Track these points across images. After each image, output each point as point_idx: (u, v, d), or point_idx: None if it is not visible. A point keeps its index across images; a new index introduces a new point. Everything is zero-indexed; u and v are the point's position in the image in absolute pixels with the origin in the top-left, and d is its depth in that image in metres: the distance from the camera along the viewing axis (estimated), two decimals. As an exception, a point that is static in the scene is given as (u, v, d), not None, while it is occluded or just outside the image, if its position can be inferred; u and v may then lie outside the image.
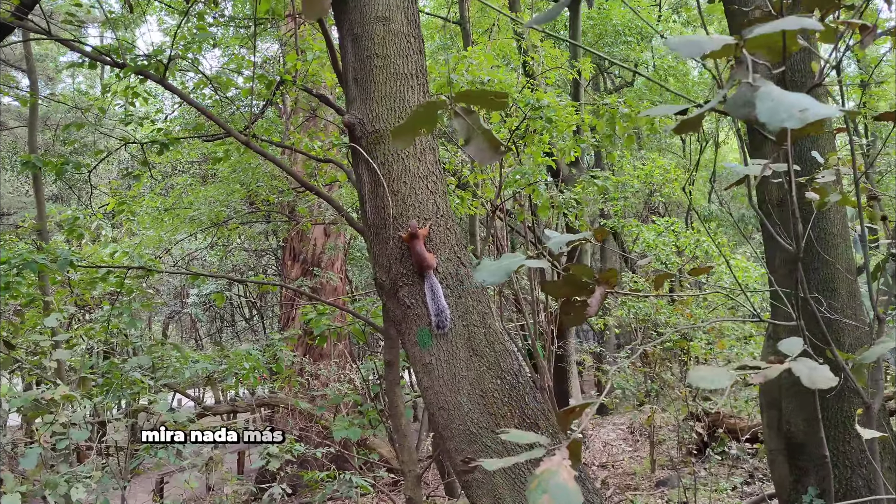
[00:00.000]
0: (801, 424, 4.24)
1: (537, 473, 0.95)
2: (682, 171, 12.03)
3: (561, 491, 0.91)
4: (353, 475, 5.68)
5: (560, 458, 0.95)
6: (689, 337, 7.71)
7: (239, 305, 20.86)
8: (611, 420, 13.30)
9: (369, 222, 3.58)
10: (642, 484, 9.15)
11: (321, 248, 13.40)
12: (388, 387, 4.39)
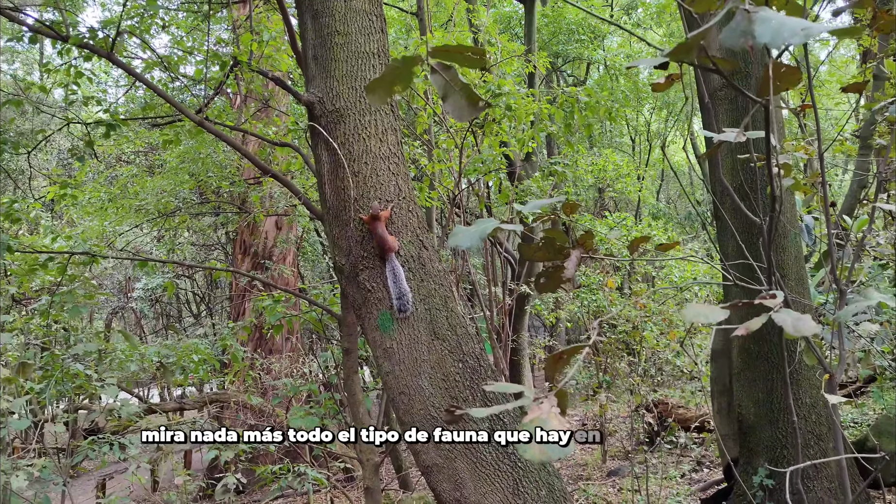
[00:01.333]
0: (752, 408, 4.35)
1: (525, 422, 0.91)
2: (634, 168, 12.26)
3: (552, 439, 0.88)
4: (306, 468, 5.56)
5: (549, 406, 0.91)
6: (642, 328, 7.85)
7: (186, 301, 20.28)
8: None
9: (328, 204, 3.50)
10: (594, 474, 9.28)
11: (273, 242, 13.13)
12: (346, 375, 4.31)
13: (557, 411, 0.90)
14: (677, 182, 20.34)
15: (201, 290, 18.19)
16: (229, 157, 9.88)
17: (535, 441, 0.88)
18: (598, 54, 14.23)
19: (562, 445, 0.91)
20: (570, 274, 1.48)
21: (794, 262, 4.22)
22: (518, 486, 3.31)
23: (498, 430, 3.34)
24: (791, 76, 1.14)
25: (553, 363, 0.98)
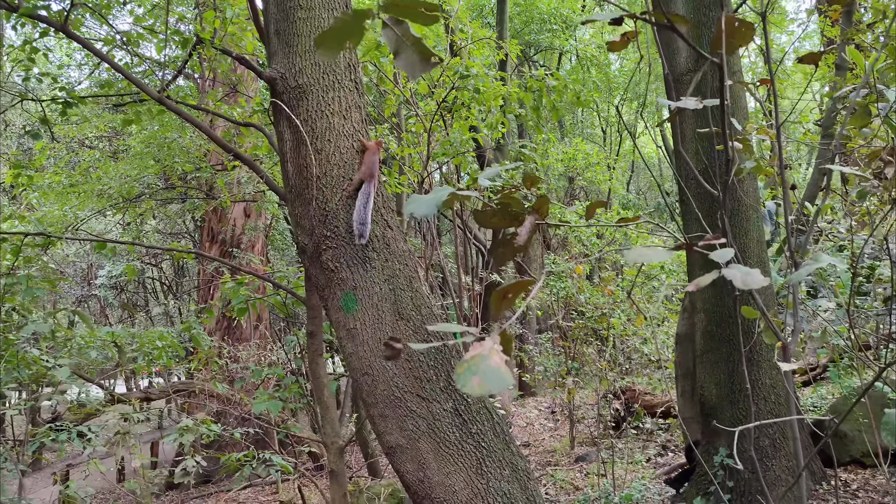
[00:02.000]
0: (714, 389, 4.42)
1: (467, 358, 0.89)
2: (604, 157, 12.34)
3: (492, 373, 0.86)
4: (272, 454, 5.50)
5: (491, 343, 0.89)
6: (609, 314, 7.92)
7: (153, 290, 19.92)
8: (533, 400, 13.57)
9: (291, 183, 3.44)
10: (563, 460, 9.37)
11: (241, 229, 12.95)
12: (311, 358, 4.26)
13: (500, 349, 0.88)
14: (648, 173, 20.56)
15: (168, 278, 17.88)
16: (195, 141, 9.70)
17: (474, 375, 0.86)
18: (569, 44, 14.27)
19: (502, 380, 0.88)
20: (523, 240, 1.46)
21: (756, 245, 4.28)
22: (482, 465, 3.30)
23: (462, 407, 3.34)
24: (744, 32, 1.14)
25: (498, 301, 0.96)
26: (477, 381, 0.86)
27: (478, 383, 0.86)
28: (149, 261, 16.56)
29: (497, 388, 0.87)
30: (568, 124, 19.04)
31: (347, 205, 3.33)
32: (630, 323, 8.03)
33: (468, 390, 0.86)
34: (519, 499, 3.36)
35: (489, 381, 0.86)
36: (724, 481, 4.18)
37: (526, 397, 14.45)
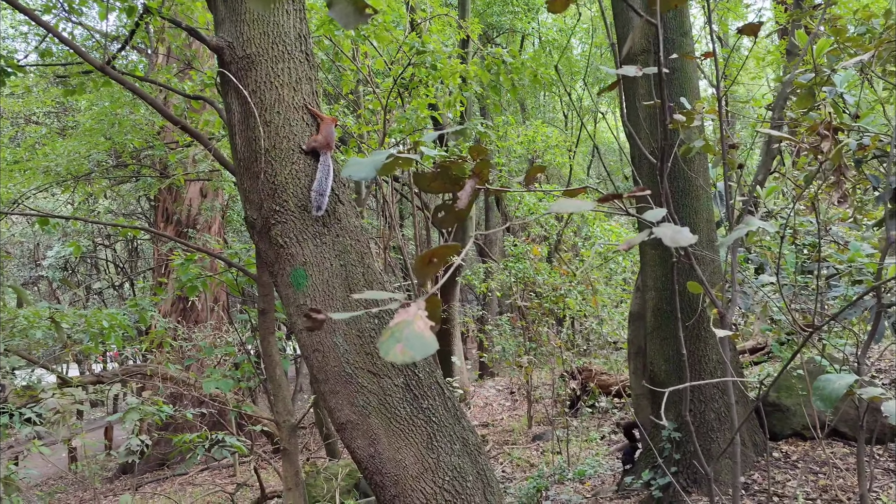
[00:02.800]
0: (663, 365, 4.51)
1: (391, 325, 0.87)
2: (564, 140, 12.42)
3: (416, 339, 0.84)
4: (226, 435, 5.43)
5: (416, 309, 0.87)
6: (565, 294, 8.01)
7: (106, 272, 19.39)
8: (492, 381, 13.70)
9: (239, 156, 3.36)
10: (520, 439, 9.50)
11: (197, 210, 12.67)
12: (263, 336, 4.20)
13: (425, 315, 0.86)
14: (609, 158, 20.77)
15: (122, 259, 17.42)
16: (148, 118, 9.42)
17: (398, 342, 0.84)
18: (531, 27, 14.26)
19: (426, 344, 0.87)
20: (463, 204, 1.45)
21: (706, 224, 4.36)
22: (432, 440, 3.31)
23: (413, 383, 3.33)
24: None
25: (422, 265, 0.94)
26: (400, 347, 0.85)
27: (401, 350, 0.85)
28: (101, 241, 16.10)
29: (420, 353, 0.86)
30: (530, 107, 19.08)
31: (297, 178, 3.27)
32: (586, 303, 8.14)
33: (391, 358, 0.84)
34: (469, 472, 3.39)
35: (412, 348, 0.84)
36: (671, 454, 4.29)
37: (485, 378, 14.59)
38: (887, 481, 3.97)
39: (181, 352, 8.59)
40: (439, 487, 3.28)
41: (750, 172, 8.68)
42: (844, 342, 4.26)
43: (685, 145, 3.16)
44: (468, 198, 1.49)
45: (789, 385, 5.06)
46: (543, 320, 8.04)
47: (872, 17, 4.03)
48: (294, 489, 4.14)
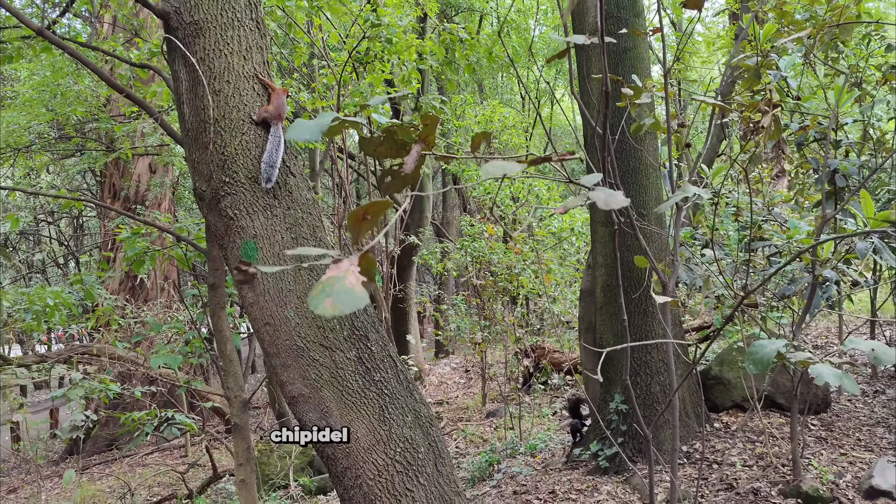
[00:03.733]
0: (611, 339, 4.62)
1: (322, 280, 0.87)
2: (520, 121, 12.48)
3: (346, 294, 0.85)
4: (175, 413, 5.35)
5: (348, 264, 0.88)
6: (519, 272, 8.11)
7: (51, 252, 18.72)
8: (448, 360, 13.81)
9: (187, 126, 3.27)
10: (474, 416, 9.64)
11: (146, 186, 12.31)
12: (213, 311, 4.14)
13: (357, 270, 0.87)
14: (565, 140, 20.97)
15: (66, 237, 16.84)
16: (91, 88, 9.08)
17: (328, 297, 0.85)
18: (489, 7, 14.22)
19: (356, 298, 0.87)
20: (409, 169, 1.45)
21: (654, 202, 4.47)
22: (384, 412, 3.33)
23: (365, 356, 3.34)
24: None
25: (356, 223, 0.94)
26: (330, 301, 0.85)
27: (330, 304, 0.85)
28: (44, 218, 15.52)
29: (350, 307, 0.87)
30: (487, 88, 19.09)
31: (247, 149, 3.22)
32: (539, 282, 8.25)
33: (321, 311, 0.85)
34: (421, 444, 3.43)
35: (342, 301, 0.85)
36: (618, 426, 4.42)
37: (441, 357, 14.69)
38: (819, 448, 4.18)
39: (130, 330, 8.40)
40: (391, 459, 3.31)
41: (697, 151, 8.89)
42: (780, 315, 4.44)
43: (635, 123, 3.22)
44: (414, 162, 1.50)
45: (731, 359, 5.26)
46: (498, 298, 8.13)
47: (816, 4, 4.15)
48: (245, 464, 4.12)
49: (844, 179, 4.58)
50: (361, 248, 0.92)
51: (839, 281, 3.81)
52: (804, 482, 3.50)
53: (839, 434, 4.46)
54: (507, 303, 9.30)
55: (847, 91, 4.92)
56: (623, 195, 1.06)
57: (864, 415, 4.86)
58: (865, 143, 5.29)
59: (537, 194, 9.47)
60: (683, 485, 3.79)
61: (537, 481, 4.62)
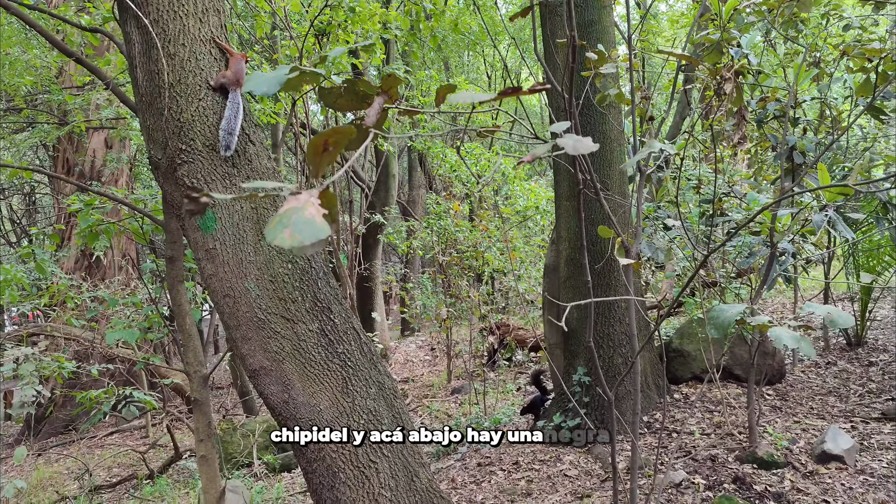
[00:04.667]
0: (574, 313, 4.66)
1: (279, 212, 0.83)
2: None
3: (305, 224, 0.80)
4: (134, 390, 5.23)
5: (307, 197, 0.83)
6: (484, 249, 8.12)
7: (2, 230, 18.06)
8: (414, 338, 13.82)
9: (141, 91, 3.15)
10: (439, 393, 9.68)
11: (102, 161, 11.93)
12: (171, 285, 4.03)
13: (317, 202, 0.82)
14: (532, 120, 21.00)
15: (17, 213, 16.27)
16: (42, 58, 8.72)
17: (286, 228, 0.80)
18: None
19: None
20: (371, 122, 1.40)
21: (619, 175, 4.49)
22: (347, 384, 3.30)
23: (328, 328, 3.30)
24: None
25: (315, 154, 0.90)
26: (288, 232, 0.80)
27: (289, 234, 0.80)
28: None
29: (310, 238, 0.82)
30: (454, 66, 18.96)
31: (204, 116, 3.12)
32: (504, 258, 8.28)
33: (279, 242, 0.80)
34: (385, 416, 3.41)
35: (301, 232, 0.80)
36: (581, 397, 4.47)
37: (407, 335, 14.69)
38: (774, 417, 4.30)
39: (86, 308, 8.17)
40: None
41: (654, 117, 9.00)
42: (739, 287, 4.53)
43: (600, 93, 3.21)
44: (377, 115, 1.45)
45: (691, 332, 5.36)
46: (464, 275, 8.13)
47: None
48: (206, 440, 4.05)
49: (802, 156, 4.66)
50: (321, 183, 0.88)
51: (796, 254, 3.89)
52: (759, 448, 3.59)
53: (793, 403, 4.59)
54: (473, 280, 9.33)
55: (805, 70, 5.00)
56: (590, 141, 1.04)
57: (817, 385, 5.02)
58: (823, 122, 5.40)
59: (503, 171, 9.47)
60: (644, 452, 3.86)
61: (501, 453, 4.66)
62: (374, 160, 15.53)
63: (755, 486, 3.23)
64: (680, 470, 3.53)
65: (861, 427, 4.01)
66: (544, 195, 10.03)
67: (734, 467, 3.48)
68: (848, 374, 5.21)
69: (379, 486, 3.31)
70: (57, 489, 7.14)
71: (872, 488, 3.19)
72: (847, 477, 3.31)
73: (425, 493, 3.50)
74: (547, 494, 3.58)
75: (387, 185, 13.40)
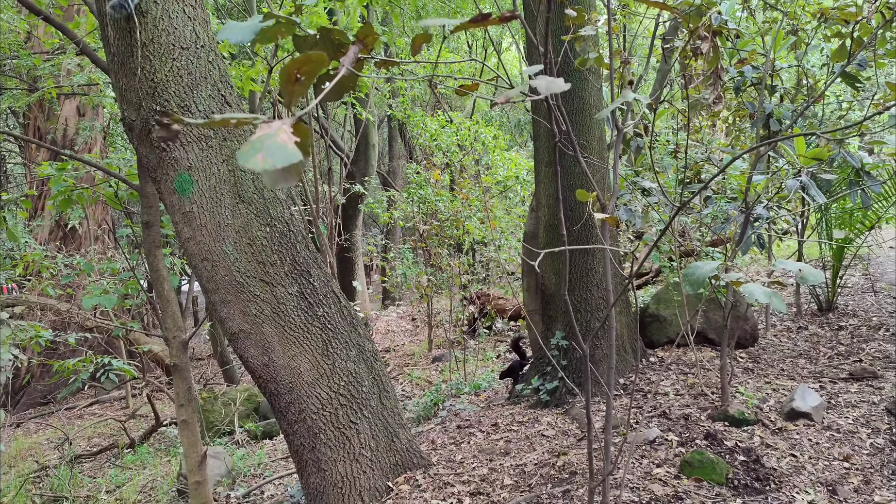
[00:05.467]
0: (553, 279, 4.71)
1: (252, 139, 0.83)
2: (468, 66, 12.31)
3: (278, 149, 0.80)
4: (112, 359, 5.21)
5: (280, 124, 0.83)
6: (465, 218, 8.13)
7: (-29, 201, 17.63)
8: (395, 307, 13.87)
9: (112, 49, 3.09)
10: (420, 362, 9.76)
11: (74, 130, 11.68)
12: (148, 250, 3.99)
13: (290, 130, 0.82)
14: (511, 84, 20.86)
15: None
16: (8, 21, 8.46)
17: (258, 152, 0.80)
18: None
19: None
20: (346, 71, 1.39)
21: (598, 142, 4.51)
22: (328, 347, 3.32)
23: (307, 291, 3.30)
24: None
25: (288, 84, 0.89)
26: (261, 157, 0.80)
27: (261, 159, 0.80)
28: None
29: (282, 161, 0.82)
30: (435, 35, 18.71)
31: (179, 76, 3.06)
32: (485, 228, 8.30)
33: (250, 166, 0.80)
34: (365, 378, 3.44)
35: (273, 156, 0.80)
36: (558, 360, 4.54)
37: (388, 305, 14.74)
38: (746, 378, 4.41)
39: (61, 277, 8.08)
40: (335, 392, 3.32)
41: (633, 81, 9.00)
42: (714, 250, 4.60)
43: (580, 57, 3.21)
44: (351, 63, 1.44)
45: (667, 298, 5.45)
46: (444, 244, 8.15)
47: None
48: (187, 405, 4.05)
49: (778, 124, 4.71)
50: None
51: (770, 220, 3.96)
52: (731, 407, 3.69)
53: (765, 365, 4.71)
54: (454, 250, 9.36)
55: (783, 37, 5.02)
56: (562, 81, 1.04)
57: (789, 348, 5.15)
58: (800, 91, 5.45)
59: (483, 141, 9.44)
60: (620, 413, 3.94)
61: (480, 416, 4.73)
62: (353, 129, 15.38)
63: (726, 441, 3.33)
64: (654, 428, 3.62)
65: (829, 387, 4.13)
66: (525, 165, 10.04)
67: (706, 425, 3.58)
68: (818, 338, 5.35)
69: (360, 446, 3.36)
70: (37, 459, 7.12)
71: (838, 443, 3.31)
72: (814, 433, 3.42)
73: (405, 454, 3.56)
74: (525, 453, 3.66)
75: (366, 154, 13.30)
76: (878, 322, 5.55)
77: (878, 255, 8.83)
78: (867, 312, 5.96)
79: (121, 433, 7.72)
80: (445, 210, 8.58)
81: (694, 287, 2.06)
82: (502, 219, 9.61)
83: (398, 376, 8.73)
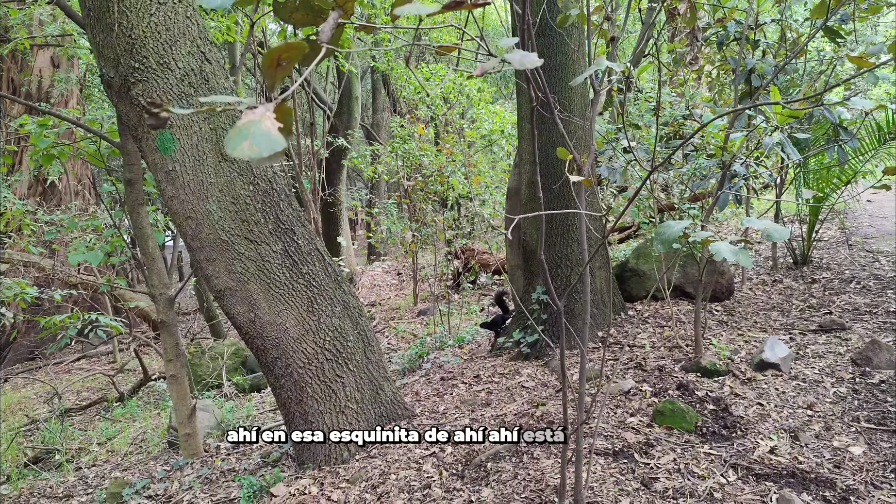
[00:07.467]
0: (535, 234, 4.78)
1: (238, 125, 0.87)
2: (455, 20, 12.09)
3: (263, 137, 0.84)
4: (98, 315, 5.25)
5: (263, 110, 0.87)
6: (448, 174, 8.14)
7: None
8: (380, 263, 13.95)
9: (88, 4, 3.04)
10: (406, 316, 9.90)
11: (49, 81, 11.41)
12: (131, 208, 4.00)
13: (273, 116, 0.86)
14: (496, 41, 20.55)
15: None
16: (-24, -32, 8.16)
17: (245, 140, 0.84)
18: None
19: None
20: (326, 38, 1.41)
21: (580, 98, 4.52)
22: (313, 303, 3.39)
23: (292, 249, 3.35)
24: None
25: (270, 67, 0.93)
26: (247, 144, 0.85)
27: (248, 146, 0.85)
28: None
29: (268, 150, 0.86)
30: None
31: (157, 32, 3.03)
32: (469, 183, 8.32)
33: (238, 154, 0.85)
34: (350, 333, 3.53)
35: (259, 144, 0.85)
36: (539, 315, 4.66)
37: (373, 260, 14.82)
38: (720, 331, 4.56)
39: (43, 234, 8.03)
40: (320, 347, 3.41)
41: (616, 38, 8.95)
42: (692, 207, 4.69)
43: (561, 14, 3.20)
44: (332, 30, 1.46)
45: (647, 252, 5.55)
46: (428, 199, 8.17)
47: None
48: (175, 360, 4.14)
49: (760, 79, 4.74)
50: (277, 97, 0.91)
51: (748, 176, 4.03)
52: (703, 359, 3.83)
53: (739, 318, 4.86)
54: (438, 205, 9.38)
55: (768, -9, 5.00)
56: (536, 56, 1.08)
57: (763, 301, 5.30)
58: (783, 45, 5.46)
59: (467, 94, 9.37)
60: (598, 365, 4.08)
61: (463, 368, 4.86)
62: (336, 82, 15.14)
63: (697, 391, 3.47)
64: (629, 379, 3.76)
65: (799, 338, 4.28)
66: (510, 119, 9.99)
67: (679, 376, 3.72)
68: (792, 291, 5.50)
69: (345, 398, 3.47)
70: (27, 413, 7.22)
71: (803, 392, 3.46)
72: (781, 382, 3.58)
73: (390, 405, 3.68)
74: (505, 404, 3.79)
75: (349, 107, 13.15)
76: (850, 275, 5.72)
77: (855, 209, 9.00)
78: (840, 266, 6.12)
79: (109, 387, 7.82)
80: (430, 165, 8.57)
81: (665, 245, 2.14)
82: (487, 173, 9.63)
83: (384, 330, 8.87)
